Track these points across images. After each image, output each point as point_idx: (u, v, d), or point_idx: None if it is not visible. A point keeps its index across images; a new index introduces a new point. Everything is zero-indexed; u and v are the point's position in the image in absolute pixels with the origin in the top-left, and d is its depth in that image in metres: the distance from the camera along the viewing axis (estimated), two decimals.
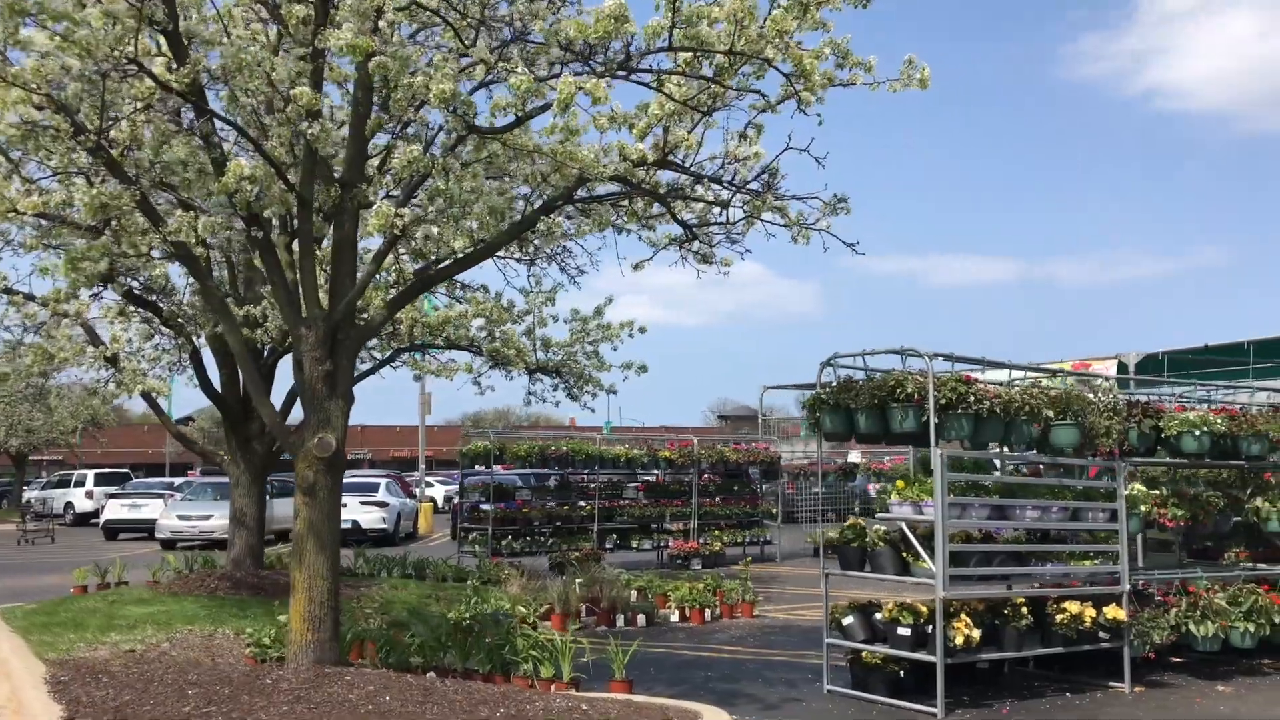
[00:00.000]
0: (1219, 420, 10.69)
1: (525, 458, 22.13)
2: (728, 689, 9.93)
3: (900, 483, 9.59)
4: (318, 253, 9.42)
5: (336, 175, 8.41)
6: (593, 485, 23.30)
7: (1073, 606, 9.71)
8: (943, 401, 9.06)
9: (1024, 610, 9.57)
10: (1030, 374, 11.65)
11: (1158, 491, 10.96)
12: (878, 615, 9.85)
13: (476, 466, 23.94)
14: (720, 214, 10.47)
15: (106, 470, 44.29)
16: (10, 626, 11.66)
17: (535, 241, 9.52)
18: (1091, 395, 10.32)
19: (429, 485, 45.19)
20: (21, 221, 11.80)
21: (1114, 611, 9.88)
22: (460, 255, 8.69)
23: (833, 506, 37.27)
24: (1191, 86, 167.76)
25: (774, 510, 26.17)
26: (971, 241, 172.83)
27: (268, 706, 7.13)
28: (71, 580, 16.67)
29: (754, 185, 9.86)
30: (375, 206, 7.69)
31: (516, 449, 22.18)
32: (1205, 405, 12.17)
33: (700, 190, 10.10)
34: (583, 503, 23.02)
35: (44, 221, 12.16)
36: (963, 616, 9.12)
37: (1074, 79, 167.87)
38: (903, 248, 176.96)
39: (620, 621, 14.50)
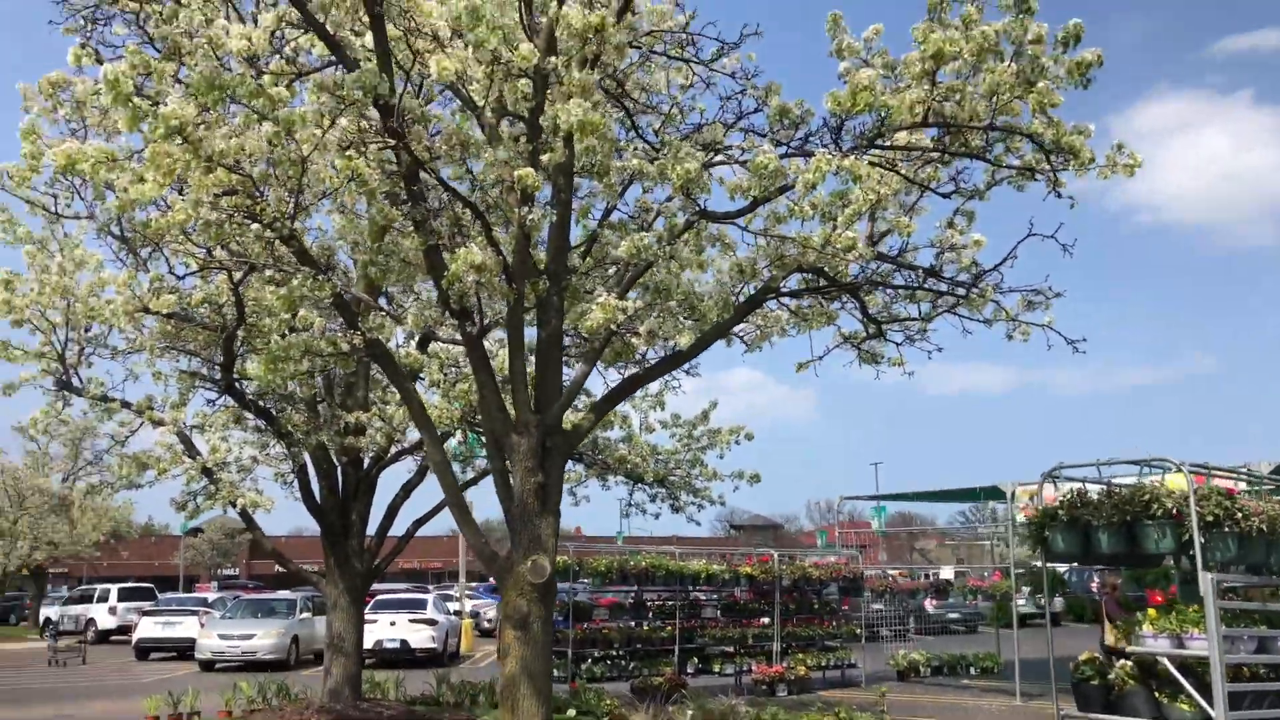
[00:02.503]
0: None
1: (605, 574, 20.88)
2: None
3: (1152, 611, 8.50)
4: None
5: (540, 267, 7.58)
6: (672, 604, 22.00)
7: None
8: (1208, 519, 8.05)
9: None
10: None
11: None
12: None
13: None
14: (910, 309, 9.66)
15: (130, 585, 42.69)
16: None
17: (745, 337, 8.68)
18: None
19: (472, 596, 43.46)
20: (138, 324, 11.01)
21: None
22: (674, 351, 7.81)
23: (889, 625, 35.79)
24: (1170, 202, 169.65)
25: (857, 630, 24.71)
26: (964, 349, 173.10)
27: None
28: (133, 709, 15.37)
29: (963, 277, 9.07)
30: (601, 299, 6.82)
31: (595, 564, 20.97)
32: None
33: (895, 282, 9.31)
34: (660, 622, 21.70)
35: (148, 322, 11.39)
36: None
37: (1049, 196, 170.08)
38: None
39: None
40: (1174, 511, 8.09)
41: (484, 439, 14.48)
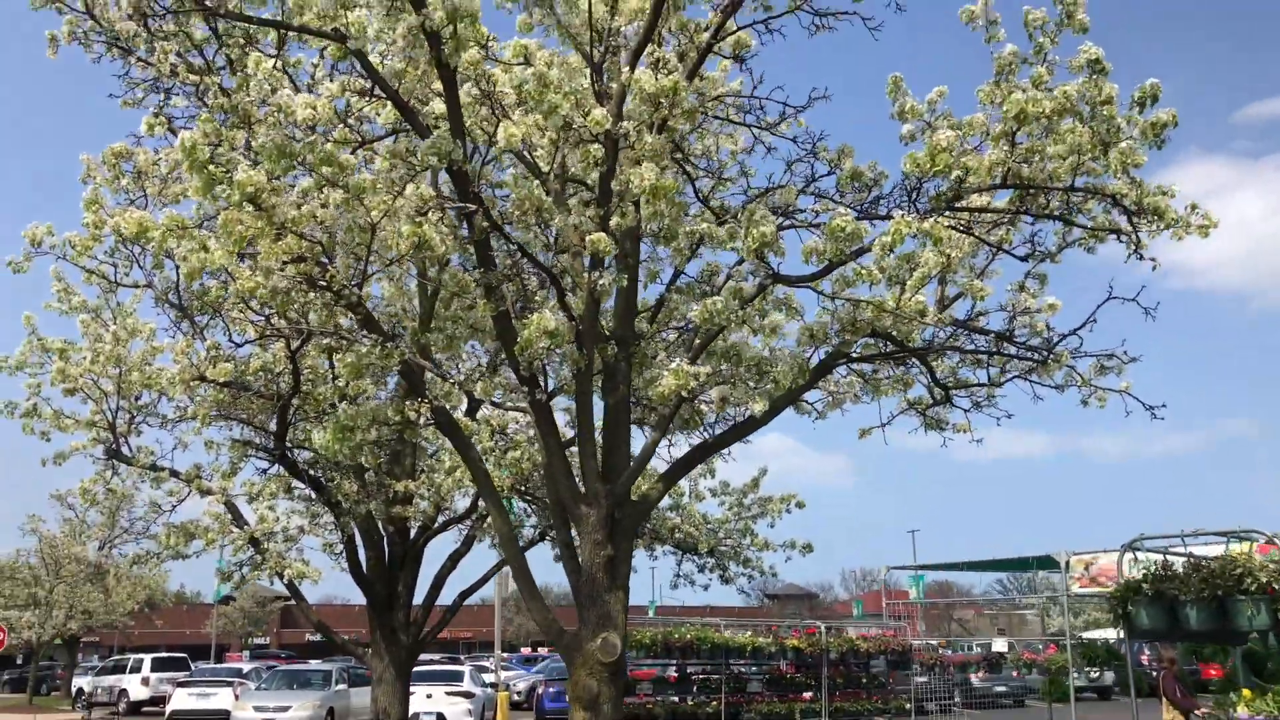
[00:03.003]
0: None
1: (649, 646, 20.45)
2: None
3: (1247, 691, 8.07)
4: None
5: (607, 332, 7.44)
6: (717, 677, 21.47)
7: None
8: None
9: None
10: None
11: None
12: None
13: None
14: (978, 374, 9.42)
15: (164, 655, 42.33)
16: None
17: (817, 406, 8.48)
18: None
19: (505, 667, 42.62)
20: (193, 392, 10.95)
21: None
22: (745, 419, 7.61)
23: (936, 699, 34.75)
24: (1203, 266, 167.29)
25: (905, 705, 24.02)
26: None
27: None
28: None
29: (1035, 342, 8.83)
30: (674, 365, 6.65)
31: (640, 637, 20.54)
32: None
33: (966, 347, 9.08)
34: (704, 697, 21.15)
35: (201, 391, 11.34)
36: None
37: (1086, 256, 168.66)
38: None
39: None
40: (1269, 586, 7.72)
41: (532, 509, 14.26)
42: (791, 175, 7.88)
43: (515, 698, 40.06)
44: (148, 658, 41.10)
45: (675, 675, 21.64)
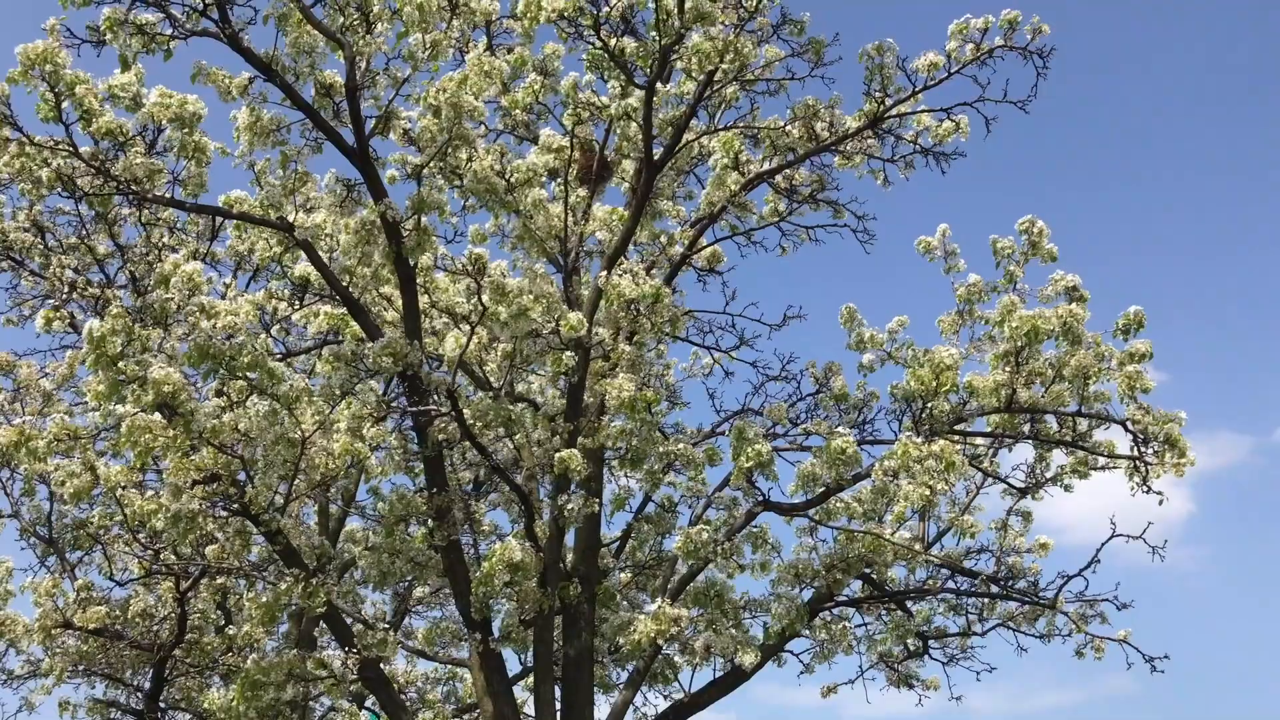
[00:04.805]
0: None
1: None
2: None
3: None
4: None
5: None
6: None
7: None
8: None
9: None
10: None
11: None
12: None
13: None
14: (956, 623, 8.61)
15: None
16: None
17: (802, 658, 7.45)
18: None
19: None
20: (51, 642, 9.33)
21: None
22: (725, 671, 6.54)
23: None
24: (1061, 525, 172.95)
25: None
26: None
27: None
28: None
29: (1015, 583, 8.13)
30: (654, 608, 5.68)
31: None
32: None
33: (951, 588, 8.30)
34: None
35: (63, 640, 9.74)
36: None
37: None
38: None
39: None
40: None
41: None
42: (766, 396, 7.27)
43: None
44: None
45: None
